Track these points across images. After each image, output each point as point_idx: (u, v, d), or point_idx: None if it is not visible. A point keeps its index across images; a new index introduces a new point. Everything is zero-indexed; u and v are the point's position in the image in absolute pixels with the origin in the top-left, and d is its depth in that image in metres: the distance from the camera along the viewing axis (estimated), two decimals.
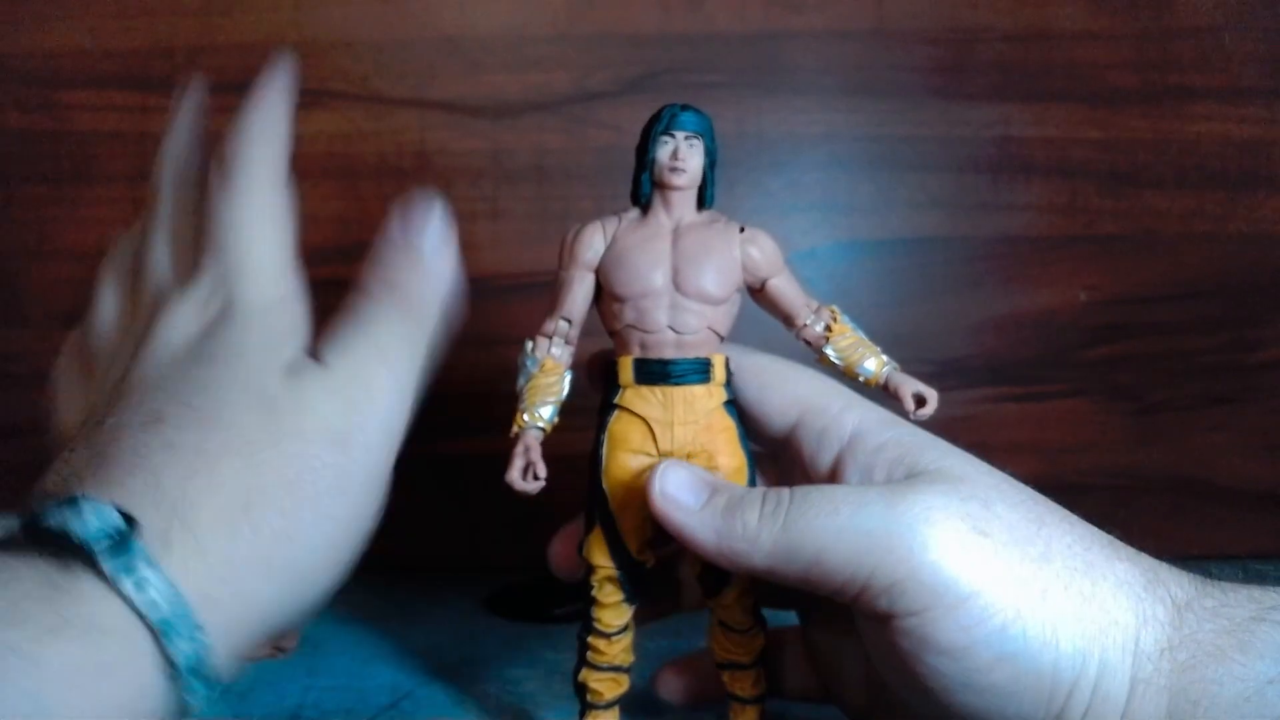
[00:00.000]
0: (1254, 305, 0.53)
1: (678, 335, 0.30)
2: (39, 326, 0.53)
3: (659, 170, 0.31)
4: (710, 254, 0.30)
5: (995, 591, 0.25)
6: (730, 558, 0.28)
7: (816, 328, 0.32)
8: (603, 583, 0.31)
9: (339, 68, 0.52)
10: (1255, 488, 0.54)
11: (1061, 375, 0.54)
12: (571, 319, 0.32)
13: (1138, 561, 0.27)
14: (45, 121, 0.52)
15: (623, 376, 0.31)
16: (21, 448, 0.54)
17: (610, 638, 0.32)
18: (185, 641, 0.23)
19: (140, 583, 0.23)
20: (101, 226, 0.53)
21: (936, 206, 0.53)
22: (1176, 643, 0.25)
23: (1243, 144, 0.52)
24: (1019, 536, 0.26)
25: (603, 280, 0.31)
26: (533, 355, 0.32)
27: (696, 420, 0.30)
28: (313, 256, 0.52)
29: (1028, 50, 0.52)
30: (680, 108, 0.31)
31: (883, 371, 0.31)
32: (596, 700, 0.32)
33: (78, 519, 0.24)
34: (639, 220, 0.31)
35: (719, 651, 0.33)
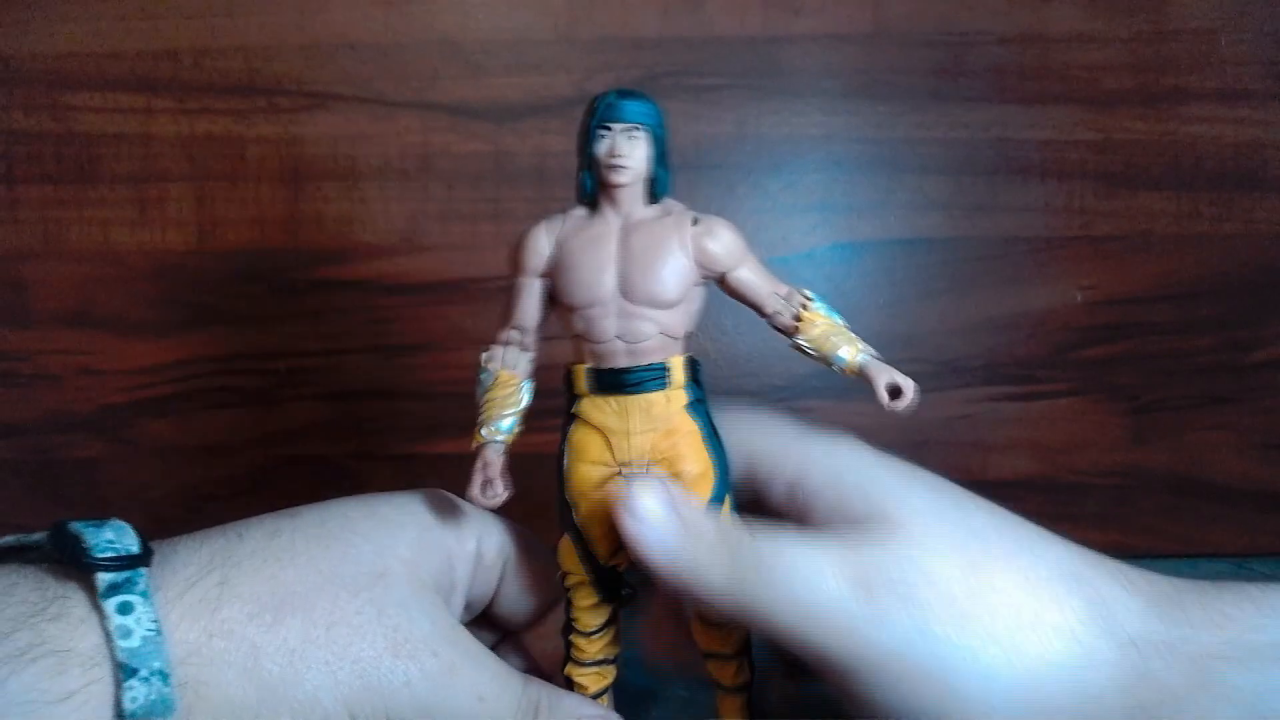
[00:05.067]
0: (1249, 305, 0.53)
1: (628, 345, 0.29)
2: (44, 326, 0.53)
3: (599, 168, 0.29)
4: (660, 255, 0.29)
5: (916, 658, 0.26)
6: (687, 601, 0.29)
7: (786, 317, 0.30)
8: (578, 587, 0.31)
9: (342, 70, 0.52)
10: (1251, 486, 0.54)
11: (1059, 375, 0.54)
12: (524, 327, 0.31)
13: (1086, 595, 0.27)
14: (50, 123, 0.52)
15: (578, 385, 0.30)
16: (26, 447, 0.54)
17: (590, 636, 0.32)
18: (142, 684, 0.24)
19: (125, 606, 0.24)
20: (106, 227, 0.53)
21: (934, 208, 0.53)
22: (1132, 682, 0.25)
23: (1238, 145, 0.53)
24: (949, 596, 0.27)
25: (552, 286, 0.30)
26: (486, 368, 0.31)
27: (655, 428, 0.29)
28: (315, 257, 0.53)
29: (1024, 53, 0.52)
30: (616, 94, 0.29)
31: (857, 360, 0.29)
32: (583, 694, 0.32)
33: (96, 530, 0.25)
34: (586, 219, 0.30)
35: (702, 644, 0.32)
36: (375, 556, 0.29)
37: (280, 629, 0.26)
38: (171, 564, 0.27)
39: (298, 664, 0.26)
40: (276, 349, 0.54)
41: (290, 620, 0.26)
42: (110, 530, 0.26)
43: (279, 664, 0.26)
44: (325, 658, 0.26)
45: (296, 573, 0.27)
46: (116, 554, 0.25)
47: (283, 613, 0.27)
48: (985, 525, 0.28)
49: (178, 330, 0.54)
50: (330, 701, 0.26)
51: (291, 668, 0.26)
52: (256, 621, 0.26)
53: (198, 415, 0.54)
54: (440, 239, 0.53)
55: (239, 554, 0.28)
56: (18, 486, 0.54)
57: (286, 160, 0.53)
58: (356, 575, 0.28)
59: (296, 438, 0.54)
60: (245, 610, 0.26)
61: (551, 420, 0.31)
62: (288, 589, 0.27)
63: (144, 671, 0.24)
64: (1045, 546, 0.28)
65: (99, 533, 0.26)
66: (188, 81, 0.52)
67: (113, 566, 0.25)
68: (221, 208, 0.53)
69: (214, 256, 0.53)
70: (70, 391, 0.54)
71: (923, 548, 0.27)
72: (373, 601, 0.28)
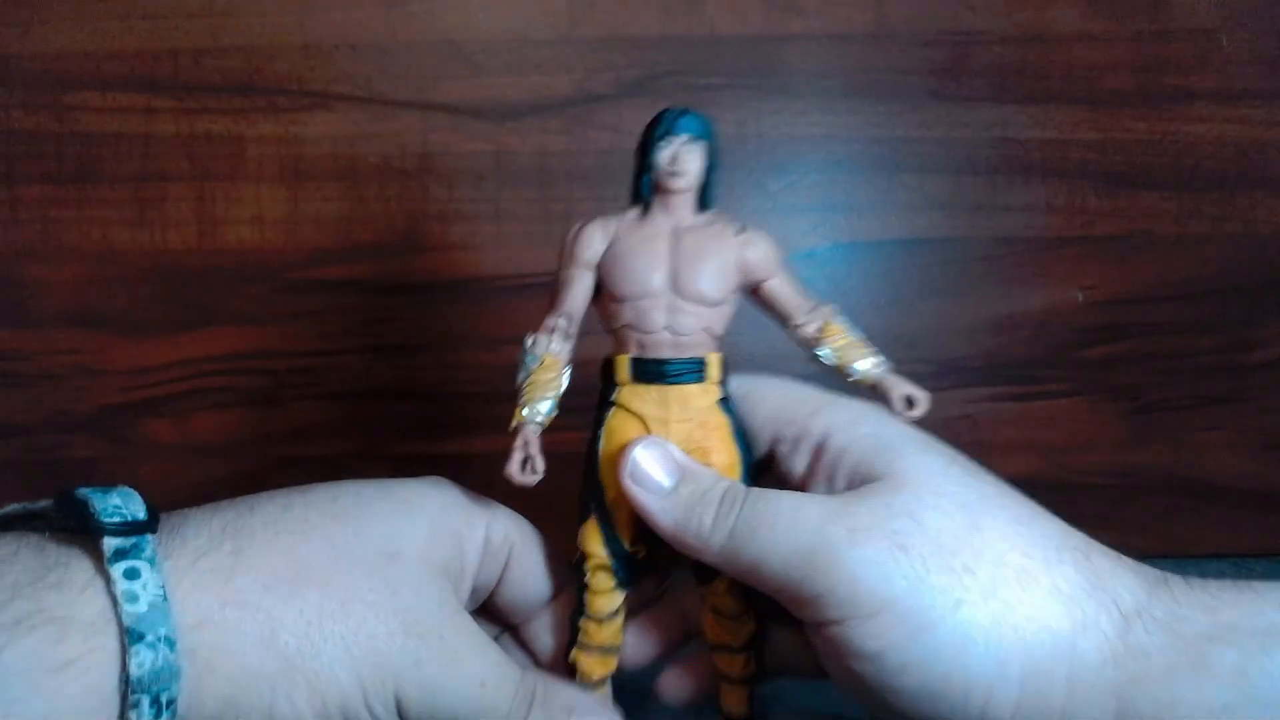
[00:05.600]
0: (1250, 306, 0.53)
1: (674, 336, 0.31)
2: (44, 326, 0.53)
3: (658, 174, 0.31)
4: (708, 257, 0.31)
5: (906, 604, 0.27)
6: (685, 549, 0.30)
7: (810, 329, 0.32)
8: (595, 571, 0.32)
9: (342, 70, 0.52)
10: (1251, 486, 0.54)
11: (1059, 375, 0.54)
12: (571, 316, 0.32)
13: (1085, 567, 0.27)
14: (50, 122, 0.52)
15: (620, 374, 0.32)
16: (26, 447, 0.54)
17: (601, 622, 0.33)
18: (149, 650, 0.23)
19: (131, 571, 0.24)
20: (106, 227, 0.53)
21: (935, 208, 0.53)
22: (1122, 652, 0.26)
23: (1239, 145, 0.53)
24: (943, 548, 0.27)
25: (602, 280, 0.32)
26: (532, 351, 0.32)
27: (691, 418, 0.31)
28: (315, 257, 0.53)
29: (1025, 52, 0.52)
30: (680, 112, 0.31)
31: (874, 373, 0.32)
32: (585, 680, 0.33)
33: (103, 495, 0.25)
34: (639, 220, 0.32)
35: (711, 635, 0.33)
36: (389, 537, 0.29)
37: (297, 601, 0.26)
38: (182, 533, 0.27)
39: (314, 636, 0.26)
40: (276, 349, 0.54)
41: (307, 593, 0.26)
42: (117, 496, 0.26)
43: (296, 636, 0.26)
44: (341, 632, 0.26)
45: (311, 547, 0.27)
46: (124, 519, 0.25)
47: (299, 585, 0.26)
48: (994, 495, 0.29)
49: (178, 330, 0.53)
50: (345, 675, 0.26)
51: (309, 640, 0.26)
52: (273, 593, 0.26)
53: (198, 415, 0.54)
54: (440, 239, 0.53)
55: (252, 525, 0.28)
56: (17, 486, 0.54)
57: (287, 160, 0.52)
58: (371, 554, 0.28)
59: (296, 438, 0.54)
60: (260, 580, 0.26)
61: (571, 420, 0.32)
62: (303, 562, 0.27)
63: (150, 637, 0.23)
64: (1051, 523, 0.29)
65: (106, 498, 0.26)
66: (188, 81, 0.52)
67: (120, 531, 0.25)
68: (222, 207, 0.53)
69: (214, 256, 0.53)
70: (70, 391, 0.54)
71: (923, 504, 0.28)
72: (387, 581, 0.28)
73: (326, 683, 0.26)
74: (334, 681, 0.26)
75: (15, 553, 0.25)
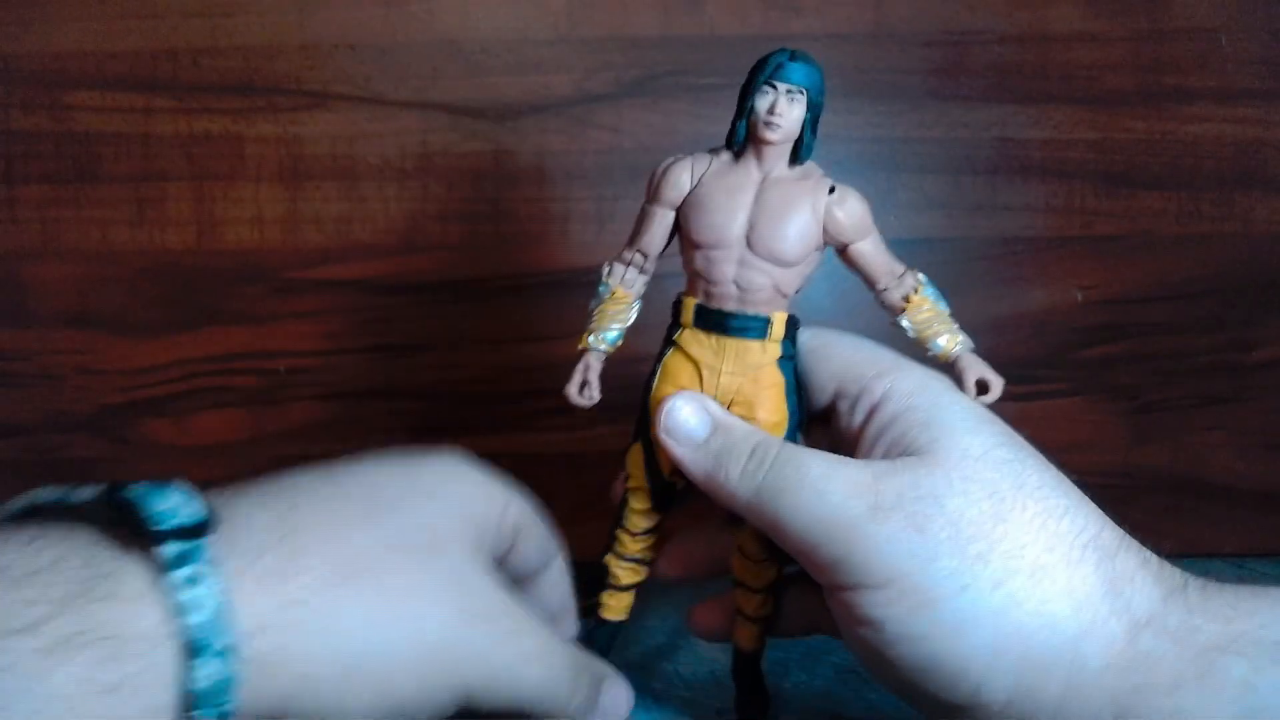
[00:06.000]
0: (1250, 305, 0.53)
1: (740, 291, 0.31)
2: (43, 326, 0.53)
3: (754, 121, 0.30)
4: (791, 214, 0.30)
5: (913, 580, 0.27)
6: (714, 496, 0.31)
7: (895, 295, 0.31)
8: (635, 490, 0.34)
9: (341, 70, 0.52)
10: (1251, 486, 0.54)
11: (1058, 375, 0.54)
12: (647, 253, 0.32)
13: (1106, 570, 0.27)
14: (49, 122, 0.52)
15: (684, 316, 0.32)
16: (26, 447, 0.54)
17: (634, 536, 0.34)
18: (211, 662, 0.22)
19: (191, 578, 0.23)
20: (105, 227, 0.53)
21: (934, 207, 0.53)
22: (1128, 660, 0.26)
23: (1239, 145, 0.53)
24: (960, 533, 0.27)
25: (681, 220, 0.31)
26: (606, 281, 0.33)
27: (744, 372, 0.31)
28: (314, 257, 0.53)
29: (1025, 52, 0.52)
30: (787, 55, 0.30)
31: (953, 350, 0.31)
32: (615, 582, 0.35)
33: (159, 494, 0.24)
34: (729, 164, 0.31)
35: (735, 570, 0.35)
36: (434, 522, 0.29)
37: (359, 600, 0.25)
38: (233, 530, 0.25)
39: (376, 634, 0.25)
40: (276, 349, 0.54)
41: (366, 591, 0.26)
42: (175, 494, 0.24)
43: (358, 634, 0.25)
44: (404, 630, 0.26)
45: (364, 540, 0.27)
46: (179, 522, 0.23)
47: (358, 583, 0.26)
48: (1033, 484, 0.29)
49: (177, 330, 0.53)
50: (408, 672, 0.26)
51: (369, 640, 0.25)
52: (333, 592, 0.25)
53: (197, 415, 0.54)
54: (440, 239, 0.53)
55: (304, 519, 0.26)
56: (17, 486, 0.54)
57: (286, 160, 0.52)
58: (420, 543, 0.28)
59: (296, 438, 0.54)
60: (320, 579, 0.25)
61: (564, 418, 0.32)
62: (359, 557, 0.26)
63: (214, 648, 0.22)
64: (1086, 519, 0.28)
65: (164, 499, 0.24)
66: (187, 81, 0.52)
67: (176, 537, 0.23)
68: (221, 207, 0.53)
69: (213, 256, 0.53)
70: (69, 391, 0.54)
71: (951, 488, 0.28)
72: (440, 571, 0.27)
73: (390, 681, 0.25)
74: (397, 679, 0.26)
75: (60, 558, 0.23)
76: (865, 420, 0.31)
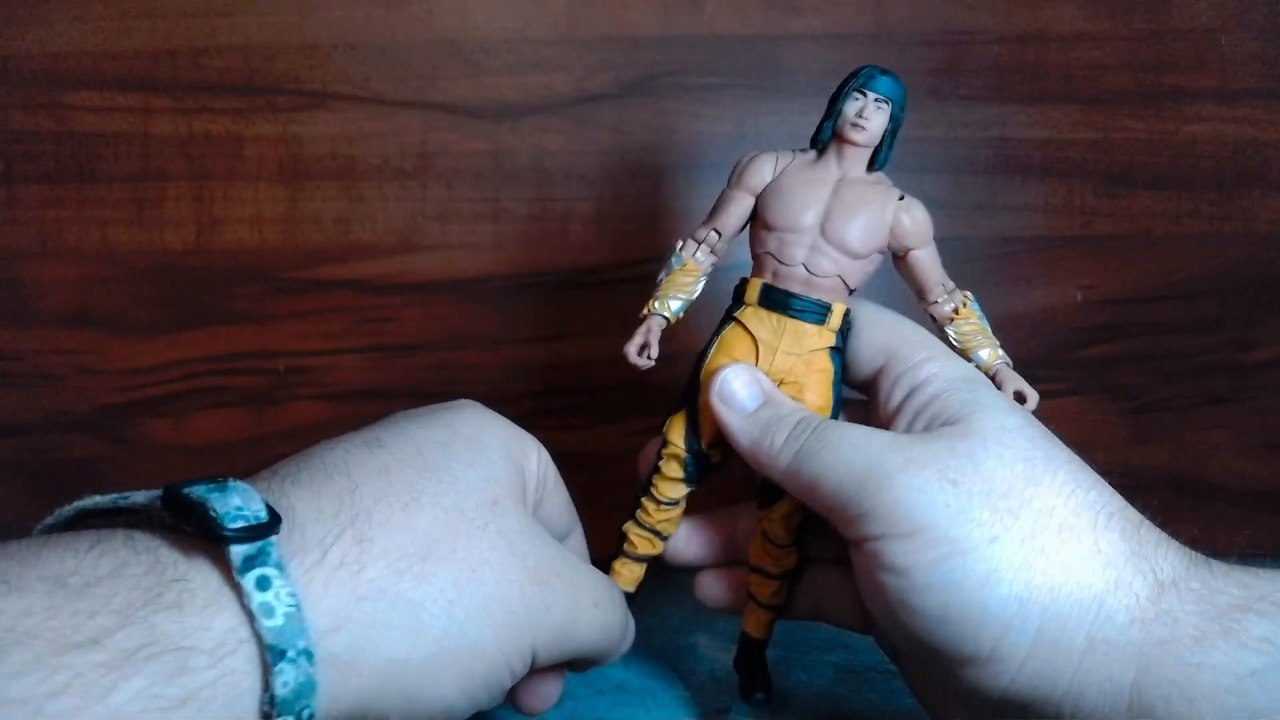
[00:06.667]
0: (1249, 305, 0.53)
1: (808, 274, 0.32)
2: (42, 326, 0.53)
3: (842, 122, 0.32)
4: (863, 210, 0.32)
5: (942, 529, 0.27)
6: (755, 463, 0.32)
7: (946, 307, 0.34)
8: (670, 459, 0.34)
9: (341, 70, 0.52)
10: (1251, 486, 0.54)
11: (1058, 375, 0.54)
12: (723, 232, 0.34)
13: (1131, 536, 0.28)
14: (49, 122, 0.52)
15: (749, 295, 0.33)
16: (25, 447, 0.54)
17: (660, 505, 0.35)
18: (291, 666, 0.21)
19: (263, 581, 0.22)
20: (104, 227, 0.53)
21: (933, 207, 0.52)
22: (1152, 616, 0.26)
23: (1238, 144, 0.53)
24: (994, 489, 0.28)
25: (759, 206, 0.33)
26: (679, 254, 0.34)
27: (799, 354, 0.33)
28: (314, 257, 0.53)
29: (1024, 52, 0.52)
30: (880, 71, 0.32)
31: (995, 364, 0.33)
32: (631, 550, 0.35)
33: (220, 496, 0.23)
34: (811, 162, 0.33)
35: (753, 556, 0.35)
36: (483, 485, 0.28)
37: (433, 580, 0.25)
38: (295, 525, 0.24)
39: (457, 612, 0.25)
40: (275, 349, 0.54)
41: (439, 571, 0.25)
42: (237, 495, 0.23)
43: (439, 617, 0.25)
44: (480, 601, 0.26)
45: (426, 516, 0.26)
46: (247, 523, 0.22)
47: (430, 562, 0.25)
48: (1063, 459, 0.29)
49: (176, 330, 0.53)
50: (490, 644, 0.26)
51: (452, 618, 0.25)
52: (407, 576, 0.25)
53: (197, 415, 0.54)
54: (440, 238, 0.53)
55: (363, 503, 0.26)
56: (17, 486, 0.54)
57: (285, 160, 0.52)
58: (477, 508, 0.28)
59: (295, 438, 0.54)
60: (392, 565, 0.25)
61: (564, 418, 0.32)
62: (425, 535, 0.26)
63: (291, 652, 0.21)
64: (1111, 497, 0.29)
65: (226, 498, 0.23)
66: (186, 81, 0.52)
67: (245, 537, 0.22)
68: (220, 207, 0.53)
69: (213, 256, 0.53)
70: (69, 391, 0.54)
71: (986, 450, 0.28)
72: (501, 534, 0.27)
73: (474, 657, 0.25)
74: (481, 654, 0.25)
75: (123, 565, 0.22)
76: (904, 400, 0.32)
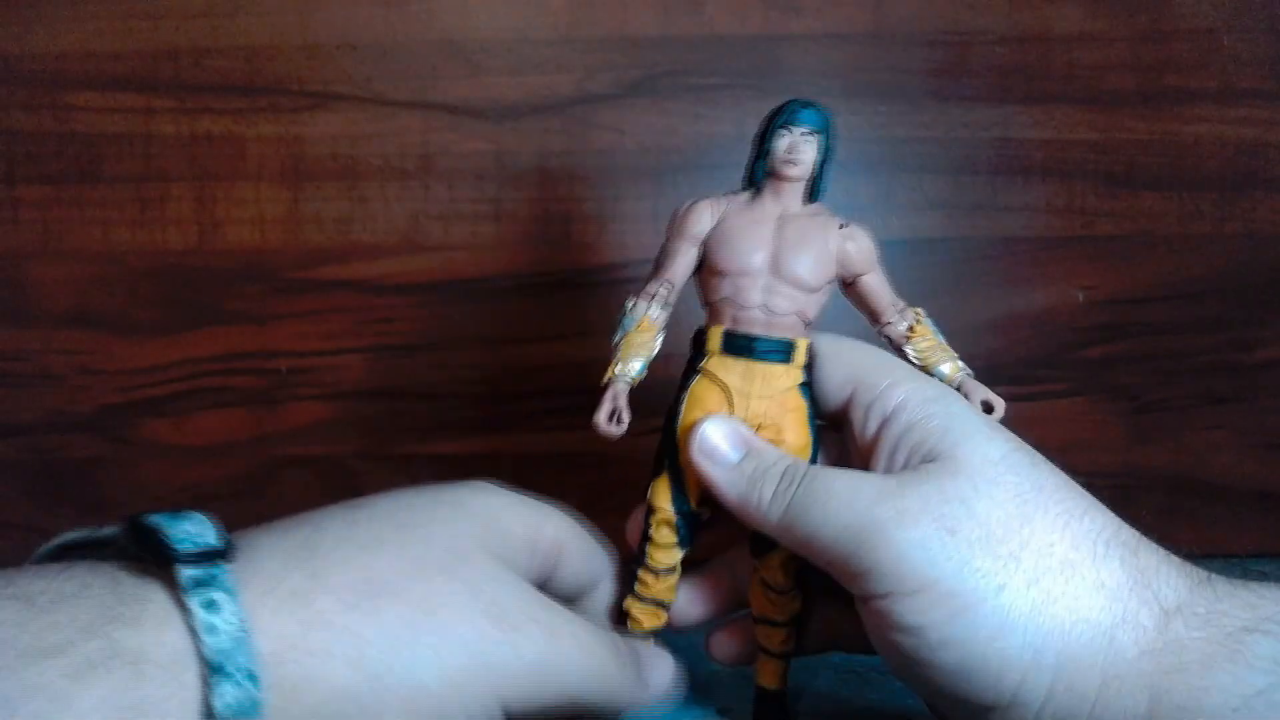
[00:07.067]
0: (1251, 305, 0.53)
1: (768, 315, 0.32)
2: (44, 326, 0.53)
3: (774, 160, 0.32)
4: (809, 244, 0.32)
5: (949, 584, 0.27)
6: (745, 519, 0.31)
7: (900, 327, 0.34)
8: (660, 525, 0.34)
9: (342, 70, 0.52)
10: (1252, 486, 0.54)
11: (1059, 375, 0.54)
12: (672, 284, 0.34)
13: (1131, 564, 0.28)
14: (51, 122, 0.52)
15: (711, 344, 0.33)
16: (26, 447, 0.54)
17: (659, 574, 0.34)
18: (233, 687, 0.22)
19: (210, 603, 0.23)
20: (107, 227, 0.53)
21: (935, 208, 0.53)
22: (1160, 646, 0.26)
23: (1239, 145, 0.53)
24: (991, 534, 0.28)
25: (706, 254, 0.33)
26: (631, 313, 0.34)
27: (772, 396, 0.32)
28: (315, 257, 0.53)
29: (1025, 52, 0.52)
30: (803, 103, 0.32)
31: (956, 376, 0.33)
32: (636, 628, 0.34)
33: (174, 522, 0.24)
34: (748, 203, 0.33)
35: (756, 607, 0.35)
36: (455, 540, 0.28)
37: (381, 616, 0.25)
38: (255, 558, 0.25)
39: (403, 651, 0.25)
40: (277, 349, 0.54)
41: (389, 608, 0.25)
42: (190, 523, 0.24)
43: (384, 652, 0.25)
44: (431, 642, 0.26)
45: (386, 561, 0.26)
46: (198, 547, 0.23)
47: (380, 601, 0.25)
48: (1051, 487, 0.29)
49: (178, 330, 0.54)
50: (439, 686, 0.25)
51: (397, 655, 0.25)
52: (355, 611, 0.25)
53: (198, 415, 0.54)
54: (441, 239, 0.53)
55: (324, 545, 0.26)
56: (17, 486, 0.55)
57: (287, 160, 0.53)
58: (443, 558, 0.27)
59: (296, 438, 0.54)
60: (341, 600, 0.25)
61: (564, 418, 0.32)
62: (380, 577, 0.26)
63: (232, 671, 0.22)
64: (1104, 519, 0.29)
65: (178, 524, 0.24)
66: (188, 81, 0.52)
67: (195, 561, 0.23)
68: (222, 207, 0.53)
69: (214, 256, 0.53)
70: (70, 391, 0.54)
71: (976, 491, 0.28)
72: (466, 581, 0.27)
73: (420, 695, 0.25)
74: (426, 693, 0.25)
75: (87, 586, 0.23)
76: (880, 429, 0.31)
